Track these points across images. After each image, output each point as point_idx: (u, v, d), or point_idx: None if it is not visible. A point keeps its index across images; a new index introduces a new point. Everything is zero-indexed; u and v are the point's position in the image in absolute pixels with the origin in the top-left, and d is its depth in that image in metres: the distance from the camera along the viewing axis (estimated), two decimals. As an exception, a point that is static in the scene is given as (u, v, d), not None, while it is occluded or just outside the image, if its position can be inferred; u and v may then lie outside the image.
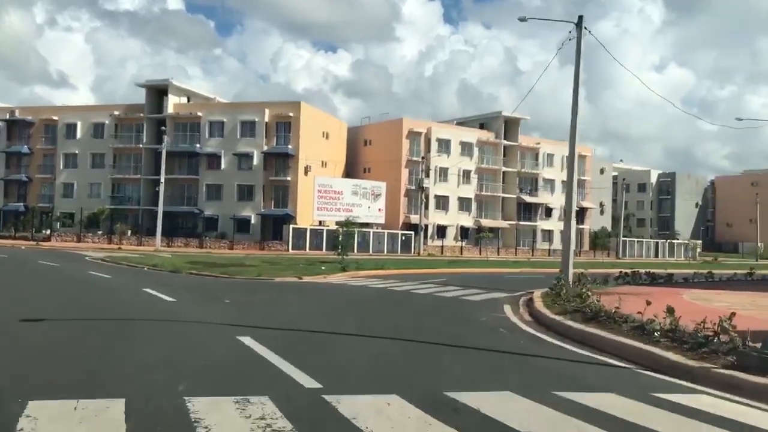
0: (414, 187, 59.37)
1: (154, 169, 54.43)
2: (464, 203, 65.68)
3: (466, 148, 65.56)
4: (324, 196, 53.01)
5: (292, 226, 50.51)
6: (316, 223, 52.00)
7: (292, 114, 55.18)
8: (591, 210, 75.69)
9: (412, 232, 55.88)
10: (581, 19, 17.79)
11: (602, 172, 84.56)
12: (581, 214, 74.27)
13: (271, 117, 55.76)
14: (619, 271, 23.29)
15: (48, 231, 52.63)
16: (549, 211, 71.56)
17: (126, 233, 52.38)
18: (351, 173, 62.89)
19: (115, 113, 59.72)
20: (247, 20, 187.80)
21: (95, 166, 59.67)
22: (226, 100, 66.22)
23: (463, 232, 64.83)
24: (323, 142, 58.84)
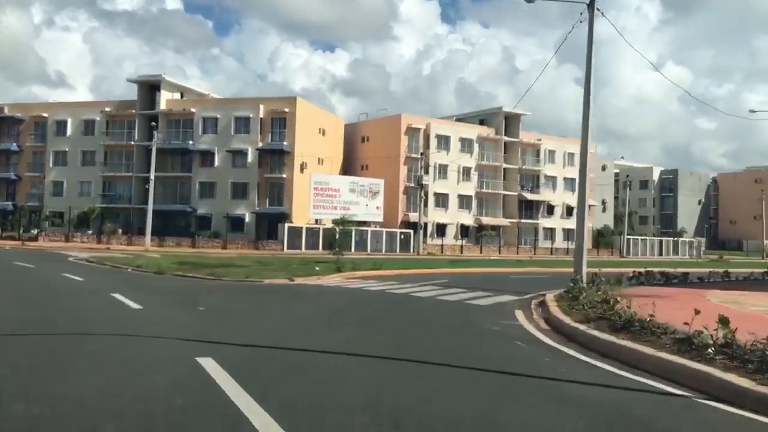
0: (413, 184, 57.93)
1: (146, 166, 52.79)
2: (464, 201, 64.21)
3: (466, 144, 64.09)
4: (320, 194, 51.60)
5: (288, 225, 49.06)
6: (313, 222, 50.58)
7: (287, 110, 53.69)
8: (593, 208, 74.23)
9: (411, 231, 54.45)
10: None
11: (604, 169, 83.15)
12: (584, 211, 72.94)
13: (266, 113, 54.25)
14: (632, 270, 22.24)
15: (36, 231, 51.18)
16: (551, 208, 70.08)
17: (116, 232, 51.00)
18: (348, 170, 61.42)
19: (107, 110, 58.13)
20: (245, 20, 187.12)
21: (86, 164, 58.09)
22: (220, 96, 64.68)
23: (464, 231, 63.38)
24: (319, 138, 57.34)
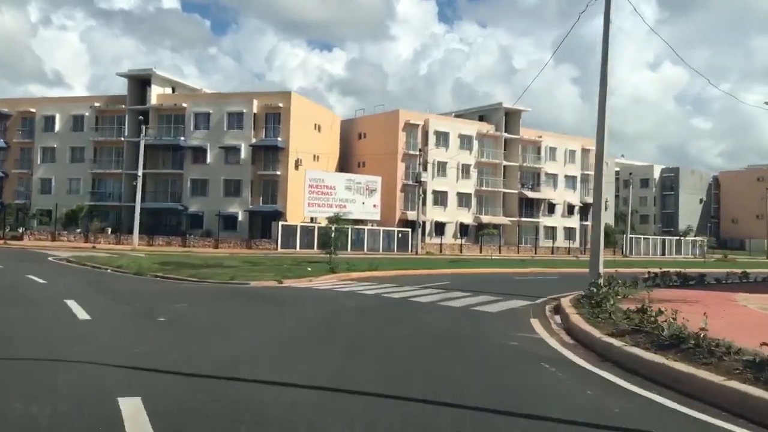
0: (411, 182, 56.42)
1: (136, 163, 50.91)
2: (463, 199, 62.67)
3: (465, 141, 62.55)
4: (315, 192, 50.07)
5: (282, 223, 47.47)
6: (308, 220, 49.03)
7: (281, 105, 52.08)
8: (595, 206, 72.81)
9: (409, 230, 52.92)
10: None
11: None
12: (585, 210, 71.49)
13: (260, 108, 52.65)
14: (639, 270, 21.11)
15: (22, 229, 49.52)
16: (552, 207, 68.58)
17: (104, 231, 49.43)
18: (344, 167, 59.85)
19: (96, 105, 56.48)
20: (243, 19, 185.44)
21: (74, 161, 56.42)
22: (213, 90, 63.03)
23: (463, 230, 61.86)
24: (315, 134, 55.75)
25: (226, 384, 5.55)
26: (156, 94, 55.10)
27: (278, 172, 51.91)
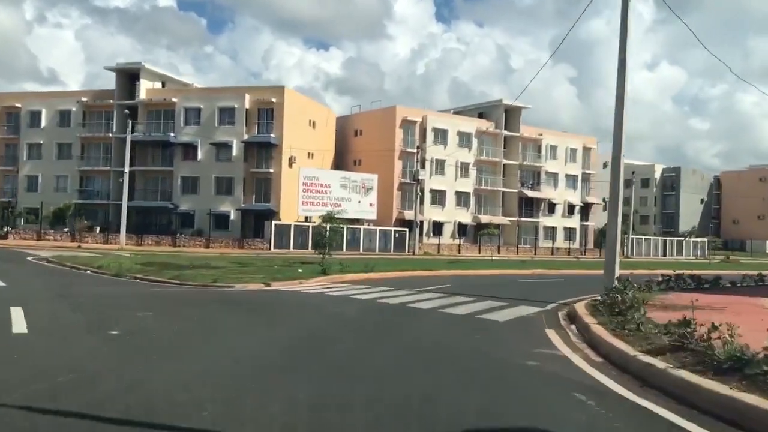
0: (408, 180, 54.98)
1: (124, 160, 49.77)
2: (462, 198, 61.22)
3: (464, 138, 61.08)
4: (310, 190, 48.63)
5: (275, 222, 45.97)
6: (302, 219, 47.57)
7: (275, 100, 50.55)
8: (596, 206, 71.55)
9: (406, 229, 51.44)
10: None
11: (605, 166, 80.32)
12: (586, 209, 70.29)
13: (252, 103, 51.12)
14: (653, 273, 19.84)
15: (7, 228, 47.96)
16: (552, 206, 67.18)
17: (92, 230, 48.02)
18: (340, 165, 58.37)
19: (83, 100, 54.84)
20: (239, 18, 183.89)
21: (61, 157, 54.80)
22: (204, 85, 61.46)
23: (461, 229, 60.41)
24: (309, 131, 54.24)
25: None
26: (145, 88, 53.54)
27: (271, 170, 50.41)
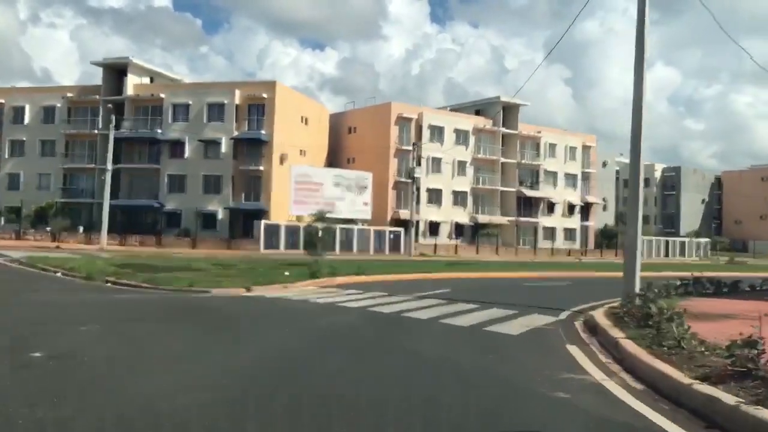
0: (403, 178, 53.21)
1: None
2: (459, 197, 59.46)
3: (461, 136, 59.34)
4: (302, 188, 46.82)
5: (265, 222, 44.13)
6: (293, 219, 45.73)
7: (266, 95, 48.71)
8: (596, 206, 69.93)
9: (402, 229, 49.64)
10: None
11: (605, 165, 78.78)
12: (586, 209, 68.58)
13: (243, 99, 49.27)
14: (651, 274, 18.65)
15: (-14, 227, 46.20)
16: (551, 206, 65.46)
17: (70, 229, 46.05)
18: (333, 163, 56.58)
19: (68, 95, 52.97)
20: (234, 18, 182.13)
21: (45, 155, 52.88)
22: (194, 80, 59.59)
23: (458, 229, 58.66)
24: (302, 128, 52.42)
25: None
26: (132, 84, 51.68)
27: (262, 168, 48.56)
